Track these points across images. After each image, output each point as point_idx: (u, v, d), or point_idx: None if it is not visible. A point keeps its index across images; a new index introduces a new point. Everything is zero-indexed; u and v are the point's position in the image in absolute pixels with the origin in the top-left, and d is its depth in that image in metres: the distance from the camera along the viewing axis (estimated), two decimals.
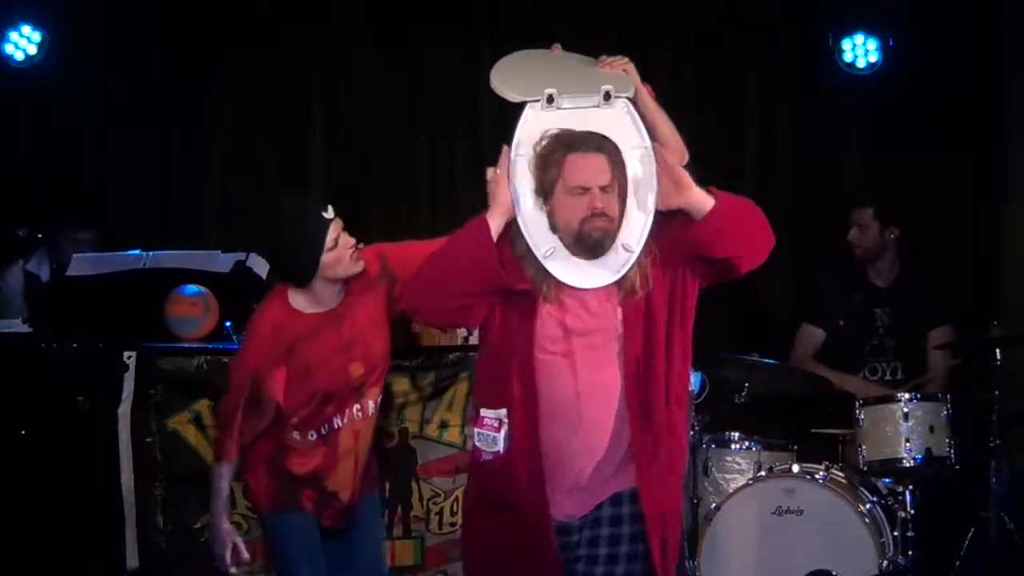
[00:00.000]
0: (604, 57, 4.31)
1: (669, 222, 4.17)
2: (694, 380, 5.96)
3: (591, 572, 4.22)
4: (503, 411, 4.18)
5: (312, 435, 4.77)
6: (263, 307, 4.82)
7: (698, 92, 7.20)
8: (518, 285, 4.15)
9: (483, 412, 4.23)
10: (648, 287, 4.16)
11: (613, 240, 4.14)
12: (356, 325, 4.75)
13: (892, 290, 6.84)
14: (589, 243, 4.13)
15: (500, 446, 4.20)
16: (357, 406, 4.78)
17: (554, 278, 4.15)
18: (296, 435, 4.77)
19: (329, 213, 4.70)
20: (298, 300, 4.75)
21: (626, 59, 4.30)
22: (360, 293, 4.78)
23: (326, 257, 4.67)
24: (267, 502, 4.86)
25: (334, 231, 4.69)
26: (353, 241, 4.75)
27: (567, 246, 4.14)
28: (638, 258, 4.15)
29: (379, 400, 4.86)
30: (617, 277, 4.15)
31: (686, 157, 4.55)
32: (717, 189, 4.17)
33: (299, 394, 4.72)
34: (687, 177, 4.14)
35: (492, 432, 4.21)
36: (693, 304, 4.24)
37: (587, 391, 4.16)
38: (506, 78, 4.24)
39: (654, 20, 7.53)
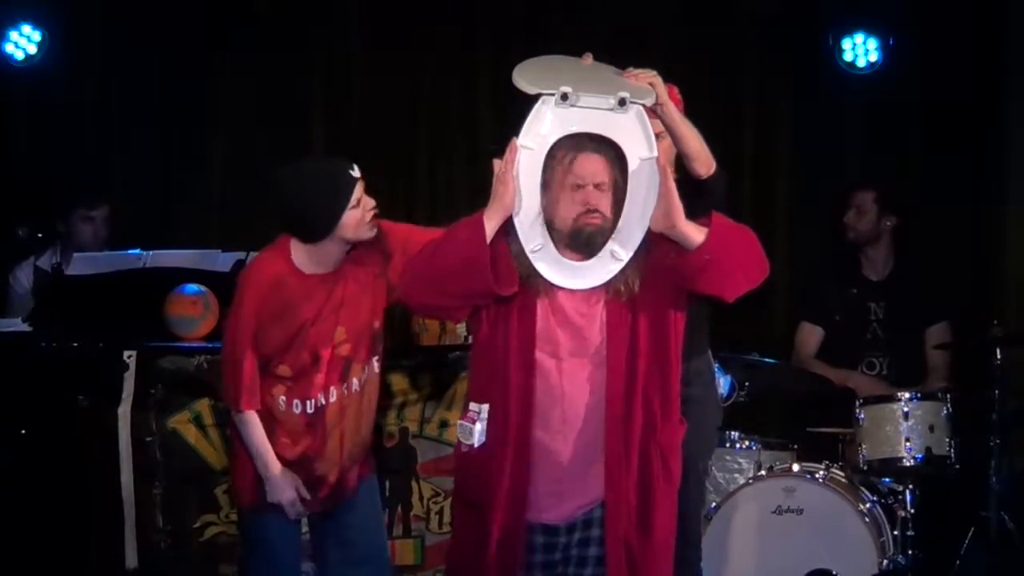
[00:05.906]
0: (631, 69, 4.30)
1: (659, 242, 4.17)
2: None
3: (580, 574, 4.22)
4: (485, 406, 4.20)
5: (297, 406, 4.73)
6: (262, 257, 4.79)
7: (697, 92, 7.17)
8: (506, 291, 4.14)
9: (471, 405, 4.25)
10: (633, 291, 4.15)
11: (605, 239, 4.14)
12: (347, 289, 4.71)
13: (886, 284, 6.84)
14: (582, 239, 4.14)
15: (475, 439, 4.21)
16: (345, 384, 4.74)
17: (543, 276, 4.15)
18: (282, 402, 4.72)
19: (356, 172, 4.69)
20: (300, 257, 4.72)
21: (654, 72, 4.29)
22: (356, 259, 4.75)
23: (347, 215, 4.65)
24: (249, 498, 4.82)
25: (359, 190, 4.68)
26: (374, 203, 4.73)
27: (560, 243, 4.15)
28: (626, 265, 4.15)
29: (365, 378, 4.79)
30: (601, 283, 4.16)
31: (713, 167, 4.55)
32: (721, 216, 4.15)
33: (290, 352, 4.68)
34: (679, 208, 4.12)
35: (469, 424, 4.23)
36: (682, 323, 4.22)
37: (572, 392, 4.17)
38: (528, 72, 4.22)
39: (653, 19, 7.53)
